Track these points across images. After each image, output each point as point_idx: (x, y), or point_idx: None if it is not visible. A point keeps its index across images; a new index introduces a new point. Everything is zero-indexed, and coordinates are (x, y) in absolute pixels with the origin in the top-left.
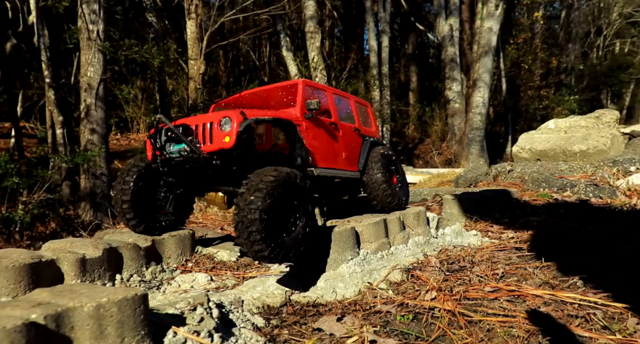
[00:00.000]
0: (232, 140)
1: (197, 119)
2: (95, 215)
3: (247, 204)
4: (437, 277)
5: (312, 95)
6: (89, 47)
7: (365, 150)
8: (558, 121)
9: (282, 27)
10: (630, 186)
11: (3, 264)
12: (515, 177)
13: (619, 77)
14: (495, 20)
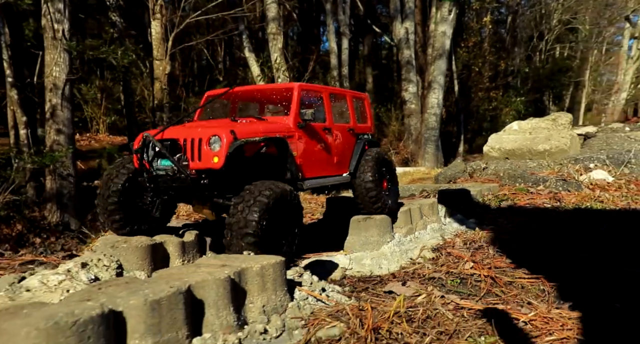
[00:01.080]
0: (220, 161)
1: (185, 131)
2: (62, 216)
3: (243, 217)
4: (467, 253)
5: (308, 98)
6: (54, 47)
7: (357, 151)
8: (521, 123)
9: (244, 28)
10: (592, 180)
11: (133, 245)
12: (490, 174)
13: (560, 80)
14: (449, 25)
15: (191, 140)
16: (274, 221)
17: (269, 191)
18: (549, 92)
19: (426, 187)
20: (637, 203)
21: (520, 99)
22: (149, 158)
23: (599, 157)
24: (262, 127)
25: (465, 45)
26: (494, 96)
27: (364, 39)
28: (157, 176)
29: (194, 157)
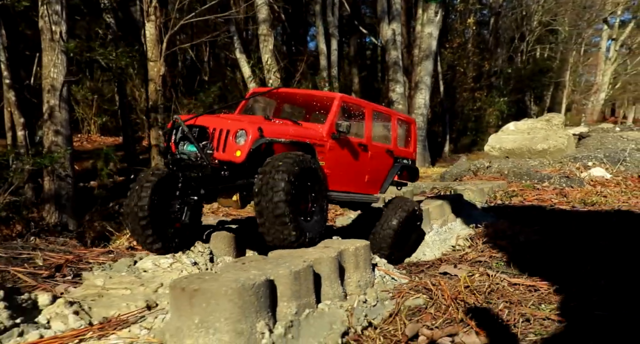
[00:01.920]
0: (242, 155)
1: (217, 121)
2: (60, 217)
3: (270, 188)
4: (502, 240)
5: (349, 111)
6: (52, 48)
7: (392, 174)
8: (517, 123)
9: (235, 30)
10: (592, 177)
11: (222, 234)
12: (494, 172)
13: (541, 80)
14: (435, 26)
15: (219, 130)
16: (300, 188)
17: (287, 158)
18: (531, 92)
19: (436, 185)
20: (637, 198)
21: (504, 100)
22: (176, 140)
23: (597, 156)
24: (293, 130)
25: (449, 46)
26: (478, 96)
27: (349, 39)
28: (180, 160)
29: (219, 147)
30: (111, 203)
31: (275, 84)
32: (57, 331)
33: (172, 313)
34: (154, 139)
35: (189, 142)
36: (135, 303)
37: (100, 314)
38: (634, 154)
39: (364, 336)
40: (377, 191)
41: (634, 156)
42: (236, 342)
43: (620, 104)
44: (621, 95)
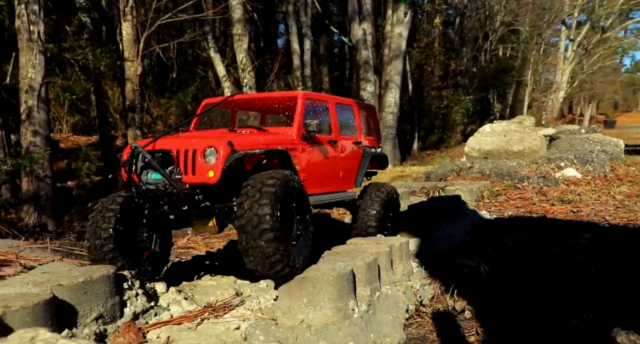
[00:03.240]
0: (216, 175)
1: (179, 142)
2: (39, 218)
3: (254, 213)
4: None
5: (313, 108)
6: (30, 48)
7: (364, 166)
8: (493, 125)
9: (209, 29)
10: (565, 177)
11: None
12: (476, 172)
13: (504, 79)
14: (404, 27)
15: (184, 151)
16: (285, 210)
17: (271, 179)
18: (494, 91)
19: (425, 185)
20: (606, 196)
21: (469, 98)
22: (137, 170)
23: (568, 157)
24: (263, 138)
25: (417, 46)
26: (445, 94)
27: (319, 38)
28: (147, 191)
29: (188, 170)
30: (89, 203)
31: (250, 84)
32: (177, 313)
33: (283, 296)
34: (131, 138)
35: (153, 169)
36: (226, 291)
37: (202, 300)
38: (600, 155)
39: (421, 312)
40: (352, 185)
41: (600, 157)
42: (336, 316)
43: (577, 101)
44: (578, 93)
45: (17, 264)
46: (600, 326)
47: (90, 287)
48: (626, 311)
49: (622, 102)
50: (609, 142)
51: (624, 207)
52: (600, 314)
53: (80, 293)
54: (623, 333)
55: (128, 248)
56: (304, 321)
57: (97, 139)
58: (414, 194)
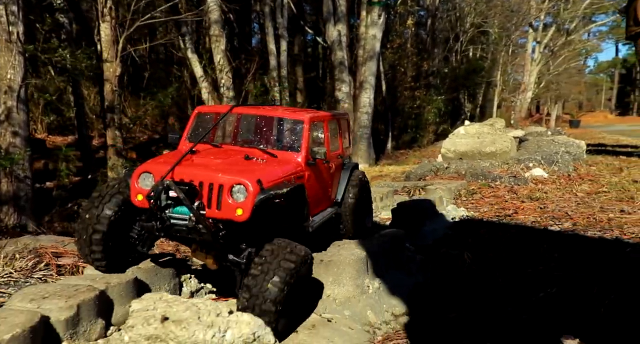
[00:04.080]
0: (246, 214)
1: (201, 173)
2: (19, 218)
3: (262, 291)
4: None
5: (315, 130)
6: (9, 49)
7: (345, 177)
8: (466, 128)
9: (186, 30)
10: (534, 177)
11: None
12: (452, 172)
13: (474, 80)
14: (379, 28)
15: (209, 185)
16: (293, 287)
17: (294, 255)
18: (465, 91)
19: (406, 184)
20: (569, 193)
21: (441, 98)
22: (160, 204)
23: (536, 158)
24: (281, 170)
25: (390, 47)
26: (417, 95)
27: (294, 38)
28: (172, 225)
29: (212, 205)
30: (69, 204)
31: (228, 84)
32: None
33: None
34: (111, 139)
35: (176, 203)
36: None
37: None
38: (564, 156)
39: (424, 289)
40: (334, 198)
41: (564, 158)
42: (356, 291)
43: (544, 101)
44: (545, 93)
45: (70, 255)
46: (562, 297)
47: (159, 270)
48: (581, 286)
49: (586, 102)
50: (572, 143)
51: (584, 204)
52: (562, 289)
53: (152, 274)
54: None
55: (116, 238)
56: (330, 295)
57: (73, 139)
58: (397, 193)
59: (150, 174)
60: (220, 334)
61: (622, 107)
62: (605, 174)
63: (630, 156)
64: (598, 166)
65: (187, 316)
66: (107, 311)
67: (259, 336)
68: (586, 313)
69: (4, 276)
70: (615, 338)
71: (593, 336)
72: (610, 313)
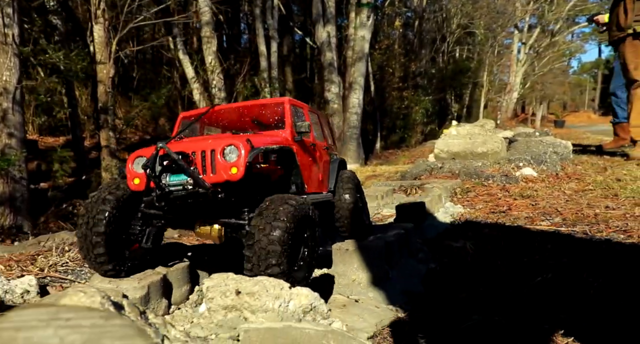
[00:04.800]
0: (240, 171)
1: (193, 144)
2: (15, 219)
3: (265, 235)
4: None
5: (296, 113)
6: (5, 52)
7: (334, 169)
8: (457, 129)
9: (178, 32)
10: (524, 176)
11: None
12: (446, 171)
13: (461, 80)
14: (367, 30)
15: (201, 152)
16: (296, 236)
17: (289, 205)
18: (452, 91)
19: (403, 183)
20: (558, 191)
21: (428, 98)
22: (155, 173)
23: (525, 158)
24: (270, 139)
25: (379, 48)
26: (405, 95)
27: (282, 39)
28: (170, 192)
29: (207, 170)
30: (64, 204)
31: (219, 85)
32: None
33: (337, 263)
34: (104, 140)
35: (170, 172)
36: None
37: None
38: (552, 156)
39: (435, 274)
40: (327, 188)
41: (552, 158)
42: (378, 276)
43: (529, 101)
44: (530, 94)
45: None
46: (556, 281)
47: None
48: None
49: (570, 102)
50: (559, 144)
51: (572, 201)
52: (556, 274)
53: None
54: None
55: (118, 238)
56: (355, 280)
57: (64, 140)
58: (394, 192)
59: (144, 157)
60: (285, 304)
61: (605, 108)
62: (590, 173)
63: (613, 155)
64: (584, 165)
65: (256, 289)
66: (168, 292)
67: (315, 306)
68: (578, 294)
69: (63, 265)
70: (602, 313)
71: (584, 312)
72: (598, 294)
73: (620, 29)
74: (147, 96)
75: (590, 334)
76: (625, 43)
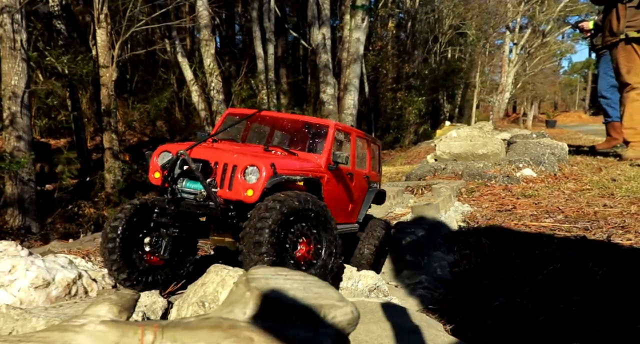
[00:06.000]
0: (256, 195)
1: (218, 154)
2: (23, 220)
3: (253, 227)
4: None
5: (340, 139)
6: (13, 57)
7: (368, 200)
8: (458, 131)
9: (176, 34)
10: (524, 176)
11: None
12: (449, 172)
13: (453, 80)
14: (362, 32)
15: (223, 165)
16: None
17: (279, 199)
18: (444, 91)
19: (409, 184)
20: (557, 190)
21: (421, 99)
22: (174, 176)
23: (525, 159)
24: (299, 164)
25: (372, 49)
26: (399, 96)
27: (277, 40)
28: (181, 199)
29: (224, 184)
30: (70, 206)
31: (218, 88)
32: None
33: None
34: (107, 142)
35: (190, 178)
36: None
37: None
38: (550, 157)
39: (458, 264)
40: (355, 218)
41: (550, 159)
42: (413, 265)
43: (520, 101)
44: (521, 94)
45: None
46: (565, 270)
47: None
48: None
49: (560, 102)
50: (556, 145)
51: (572, 200)
52: (564, 264)
53: None
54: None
55: (133, 248)
56: (393, 269)
57: (65, 142)
58: (403, 192)
59: (170, 153)
60: (355, 283)
61: (595, 107)
62: (586, 173)
63: (606, 156)
64: (579, 166)
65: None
66: None
67: (378, 286)
68: (585, 280)
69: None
70: (607, 296)
71: (592, 296)
72: (603, 280)
73: (612, 34)
74: (144, 98)
75: (599, 311)
76: (618, 48)
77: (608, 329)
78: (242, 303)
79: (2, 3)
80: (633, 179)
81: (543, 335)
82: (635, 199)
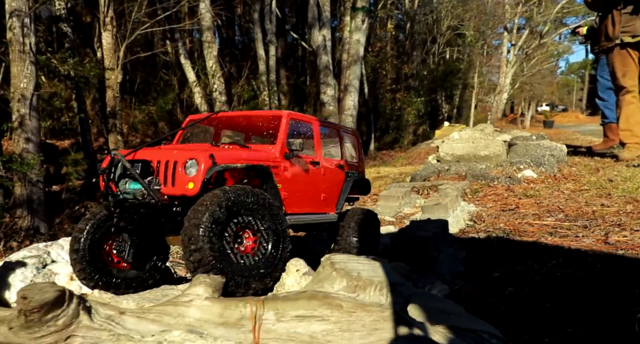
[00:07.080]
0: (196, 187)
1: (160, 153)
2: (32, 221)
3: (188, 221)
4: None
5: (297, 129)
6: (22, 60)
7: (346, 189)
8: (460, 133)
9: (179, 36)
10: (525, 177)
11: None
12: (453, 173)
13: (452, 81)
14: (362, 33)
15: (165, 162)
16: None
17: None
18: (442, 92)
19: (415, 185)
20: (557, 191)
21: (420, 99)
22: (116, 179)
23: (525, 161)
24: (245, 154)
25: (372, 50)
26: (398, 97)
27: (277, 41)
28: (124, 200)
29: (167, 181)
30: (77, 206)
31: (220, 89)
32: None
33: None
34: (113, 143)
35: (132, 179)
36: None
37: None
38: (550, 158)
39: (469, 259)
40: (333, 209)
41: (550, 160)
42: (429, 259)
43: (518, 102)
44: (519, 94)
45: None
46: (568, 262)
47: None
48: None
49: (558, 102)
50: (555, 147)
51: (571, 199)
52: (566, 258)
53: None
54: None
55: (102, 263)
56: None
57: (69, 143)
58: (410, 193)
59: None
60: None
61: (592, 108)
62: (584, 174)
63: (603, 157)
64: (578, 167)
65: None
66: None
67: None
68: (586, 271)
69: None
70: (605, 285)
71: (591, 285)
72: (602, 271)
73: (608, 39)
74: (146, 99)
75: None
76: (614, 52)
77: (606, 313)
78: (330, 280)
79: (11, 7)
80: (629, 180)
81: (550, 318)
82: (631, 199)
